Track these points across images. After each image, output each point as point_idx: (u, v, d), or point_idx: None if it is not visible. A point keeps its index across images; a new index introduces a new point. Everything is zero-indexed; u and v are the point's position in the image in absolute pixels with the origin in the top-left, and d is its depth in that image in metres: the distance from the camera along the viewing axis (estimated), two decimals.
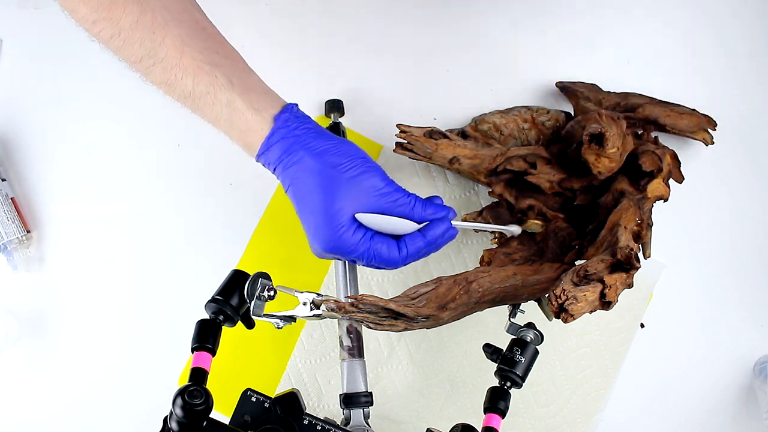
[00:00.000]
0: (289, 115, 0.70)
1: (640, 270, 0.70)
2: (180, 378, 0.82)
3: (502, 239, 0.80)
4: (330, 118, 0.85)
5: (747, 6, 0.90)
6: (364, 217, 0.68)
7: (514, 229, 0.78)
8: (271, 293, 0.66)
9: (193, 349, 0.65)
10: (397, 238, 0.69)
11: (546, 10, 0.90)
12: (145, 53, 0.67)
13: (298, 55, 0.88)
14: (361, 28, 0.89)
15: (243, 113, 0.69)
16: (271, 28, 0.88)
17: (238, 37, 0.87)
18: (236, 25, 0.88)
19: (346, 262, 0.77)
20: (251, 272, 0.67)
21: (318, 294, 0.67)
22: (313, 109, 0.87)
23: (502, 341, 0.71)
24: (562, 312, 0.66)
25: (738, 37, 0.89)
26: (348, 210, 0.68)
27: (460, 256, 0.85)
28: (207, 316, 0.67)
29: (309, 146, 0.68)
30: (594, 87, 0.86)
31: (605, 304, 0.68)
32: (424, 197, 0.71)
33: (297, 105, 0.71)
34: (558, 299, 0.66)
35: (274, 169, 0.69)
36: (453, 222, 0.71)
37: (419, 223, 0.70)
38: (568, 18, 0.90)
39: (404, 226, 0.69)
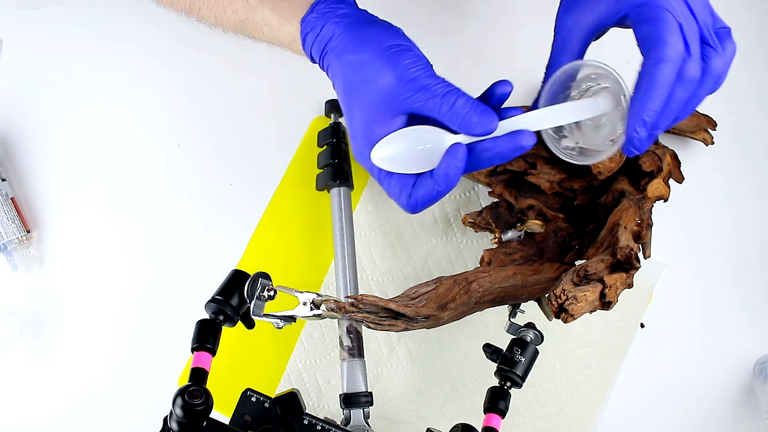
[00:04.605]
0: (315, 15, 0.62)
1: (640, 270, 0.70)
2: (180, 378, 0.82)
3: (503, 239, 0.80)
4: (330, 118, 0.85)
5: (745, 6, 0.90)
6: (376, 157, 0.59)
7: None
8: (271, 293, 0.66)
9: (193, 349, 0.65)
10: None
11: (546, 10, 0.90)
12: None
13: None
14: None
15: (279, 28, 0.65)
16: None
17: (239, 36, 0.87)
18: None
19: (347, 260, 0.77)
20: (251, 272, 0.67)
21: (318, 294, 0.67)
22: (313, 109, 0.87)
23: (502, 341, 0.71)
24: (562, 312, 0.66)
25: (737, 36, 0.89)
26: (364, 125, 0.59)
27: (460, 256, 0.85)
28: (207, 316, 0.67)
29: (333, 47, 0.61)
30: None
31: (605, 304, 0.68)
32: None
33: None
34: (558, 299, 0.66)
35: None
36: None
37: (462, 134, 0.57)
38: None
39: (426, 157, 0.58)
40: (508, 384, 0.69)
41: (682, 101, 0.59)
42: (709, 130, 0.84)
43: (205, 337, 0.65)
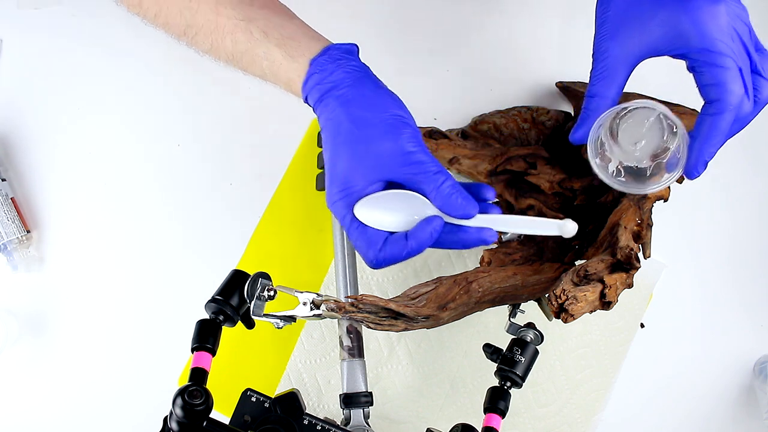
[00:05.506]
0: (327, 58, 0.64)
1: (640, 270, 0.70)
2: (180, 378, 0.82)
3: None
4: None
5: (746, 5, 0.89)
6: (359, 210, 0.62)
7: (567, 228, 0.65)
8: (271, 293, 0.66)
9: (193, 349, 0.65)
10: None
11: (546, 9, 0.90)
12: (187, 24, 0.68)
13: None
14: (360, 28, 0.89)
15: (281, 64, 0.66)
16: None
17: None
18: None
19: (347, 260, 0.77)
20: (251, 272, 0.67)
21: (318, 294, 0.67)
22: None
23: (502, 341, 0.71)
24: (562, 312, 0.66)
25: None
26: (354, 178, 0.62)
27: (460, 256, 0.85)
28: (207, 316, 0.67)
29: (338, 94, 0.63)
30: None
31: (605, 304, 0.68)
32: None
33: (348, 46, 0.66)
34: (558, 299, 0.66)
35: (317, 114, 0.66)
36: (484, 222, 0.62)
37: (441, 211, 0.62)
38: (569, 17, 0.90)
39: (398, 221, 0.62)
40: (508, 384, 0.69)
41: (734, 132, 0.64)
42: None
43: (205, 337, 0.65)
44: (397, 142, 0.61)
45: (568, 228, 0.63)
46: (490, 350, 0.71)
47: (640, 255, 0.76)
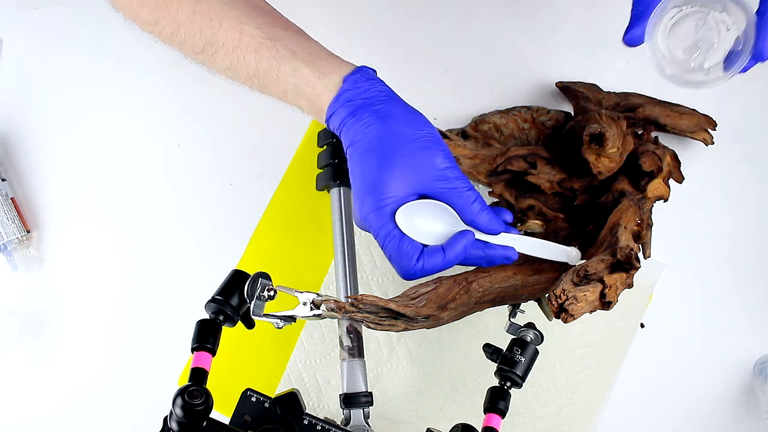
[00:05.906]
0: (360, 76, 0.67)
1: (640, 270, 0.70)
2: (180, 378, 0.82)
3: None
4: None
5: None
6: (400, 216, 0.65)
7: (572, 255, 0.72)
8: (271, 293, 0.66)
9: (193, 349, 0.65)
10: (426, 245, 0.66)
11: (546, 9, 0.90)
12: (207, 41, 0.68)
13: None
14: (360, 28, 0.89)
15: (310, 80, 0.67)
16: None
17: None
18: None
19: (347, 260, 0.77)
20: (251, 272, 0.67)
21: (318, 294, 0.67)
22: None
23: (502, 341, 0.71)
24: (562, 312, 0.66)
25: None
26: (392, 189, 0.64)
27: None
28: (207, 316, 0.67)
29: (375, 108, 0.66)
30: (594, 87, 0.86)
31: (605, 304, 0.68)
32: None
33: (373, 70, 0.69)
34: (558, 299, 0.66)
35: (340, 132, 0.67)
36: (507, 241, 0.67)
37: (470, 227, 0.66)
38: (568, 18, 0.90)
39: (434, 230, 0.65)
40: (508, 384, 0.69)
41: None
42: (709, 130, 0.84)
43: (205, 337, 0.65)
44: (432, 158, 0.65)
45: (572, 256, 0.71)
46: (490, 350, 0.71)
47: (640, 255, 0.76)
